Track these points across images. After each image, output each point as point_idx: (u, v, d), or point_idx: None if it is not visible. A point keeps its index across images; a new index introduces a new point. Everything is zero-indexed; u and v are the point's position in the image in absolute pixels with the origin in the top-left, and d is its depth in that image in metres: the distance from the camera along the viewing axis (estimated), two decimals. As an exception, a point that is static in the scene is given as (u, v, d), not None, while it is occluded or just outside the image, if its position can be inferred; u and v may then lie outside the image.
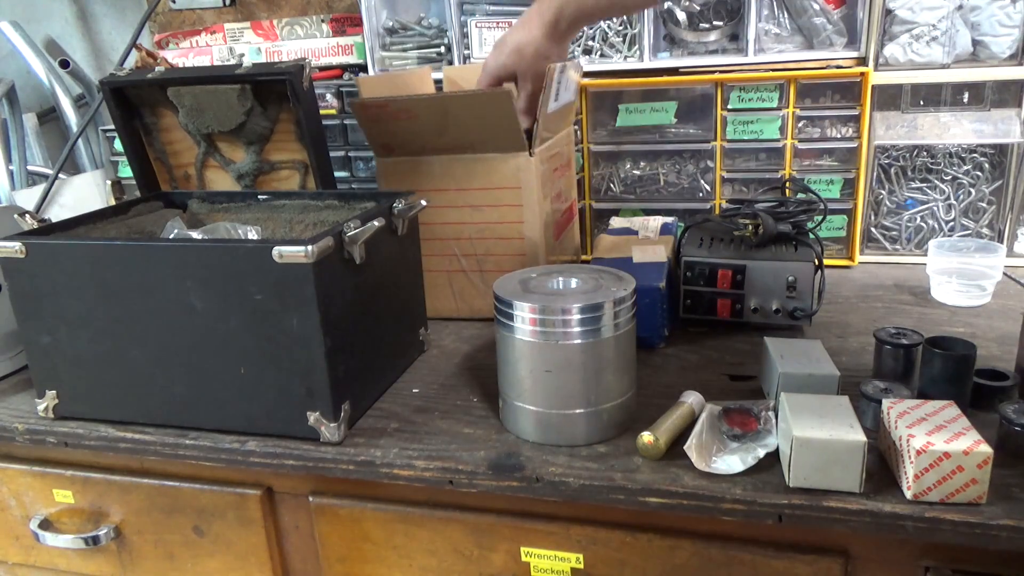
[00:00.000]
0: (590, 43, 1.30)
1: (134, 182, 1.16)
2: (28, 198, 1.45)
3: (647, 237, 1.08)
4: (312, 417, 0.77)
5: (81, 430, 0.84)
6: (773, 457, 0.69)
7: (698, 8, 1.25)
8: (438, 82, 1.30)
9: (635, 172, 1.31)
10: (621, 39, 1.29)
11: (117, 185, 1.51)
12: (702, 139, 1.25)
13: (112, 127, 1.37)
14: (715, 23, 1.25)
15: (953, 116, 1.18)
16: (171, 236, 0.92)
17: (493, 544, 0.78)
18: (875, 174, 1.23)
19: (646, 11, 1.24)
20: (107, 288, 0.79)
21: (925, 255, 1.12)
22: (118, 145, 1.43)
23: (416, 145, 1.01)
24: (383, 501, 0.80)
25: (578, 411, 0.74)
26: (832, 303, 1.06)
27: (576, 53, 1.31)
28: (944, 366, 0.74)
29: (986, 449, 0.60)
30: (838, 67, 1.18)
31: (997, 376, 0.76)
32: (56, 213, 1.44)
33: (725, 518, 0.66)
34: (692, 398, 0.77)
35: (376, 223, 0.79)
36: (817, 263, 0.94)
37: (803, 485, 0.65)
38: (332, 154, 1.23)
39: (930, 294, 1.08)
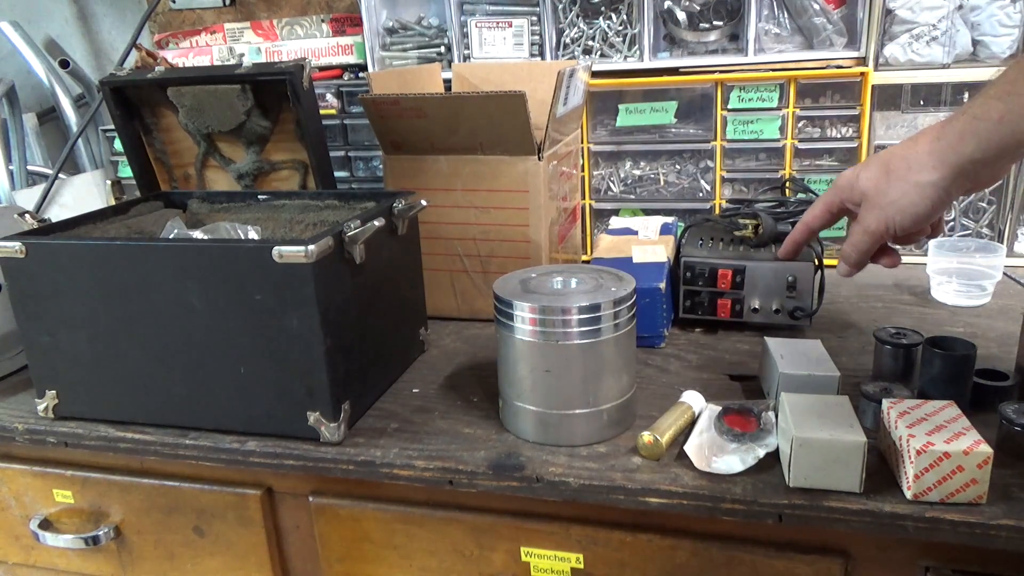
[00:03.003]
0: (590, 43, 1.30)
1: (134, 182, 1.16)
2: (28, 198, 1.44)
3: (647, 237, 1.08)
4: (312, 417, 0.77)
5: (81, 430, 0.84)
6: (773, 457, 0.69)
7: (698, 8, 1.25)
8: (447, 81, 1.31)
9: (635, 172, 1.31)
10: (621, 39, 1.29)
11: (117, 185, 1.51)
12: (702, 139, 1.25)
13: (112, 127, 1.37)
14: (715, 23, 1.25)
15: (953, 116, 1.18)
16: (171, 236, 0.92)
17: (493, 544, 0.78)
18: (875, 174, 1.23)
19: (646, 11, 1.24)
20: (107, 288, 0.79)
21: (925, 255, 1.12)
22: (118, 145, 1.43)
23: (425, 143, 1.01)
24: (383, 501, 0.80)
25: (578, 411, 0.74)
26: (832, 303, 1.06)
27: (577, 53, 1.31)
28: (944, 366, 0.74)
29: (986, 449, 0.60)
30: (838, 67, 1.18)
31: (997, 376, 0.76)
32: (56, 213, 1.44)
33: (725, 518, 0.66)
34: (692, 398, 0.77)
35: (376, 223, 0.79)
36: (817, 263, 0.94)
37: (803, 485, 0.65)
38: (332, 154, 1.23)
39: (930, 294, 1.08)
